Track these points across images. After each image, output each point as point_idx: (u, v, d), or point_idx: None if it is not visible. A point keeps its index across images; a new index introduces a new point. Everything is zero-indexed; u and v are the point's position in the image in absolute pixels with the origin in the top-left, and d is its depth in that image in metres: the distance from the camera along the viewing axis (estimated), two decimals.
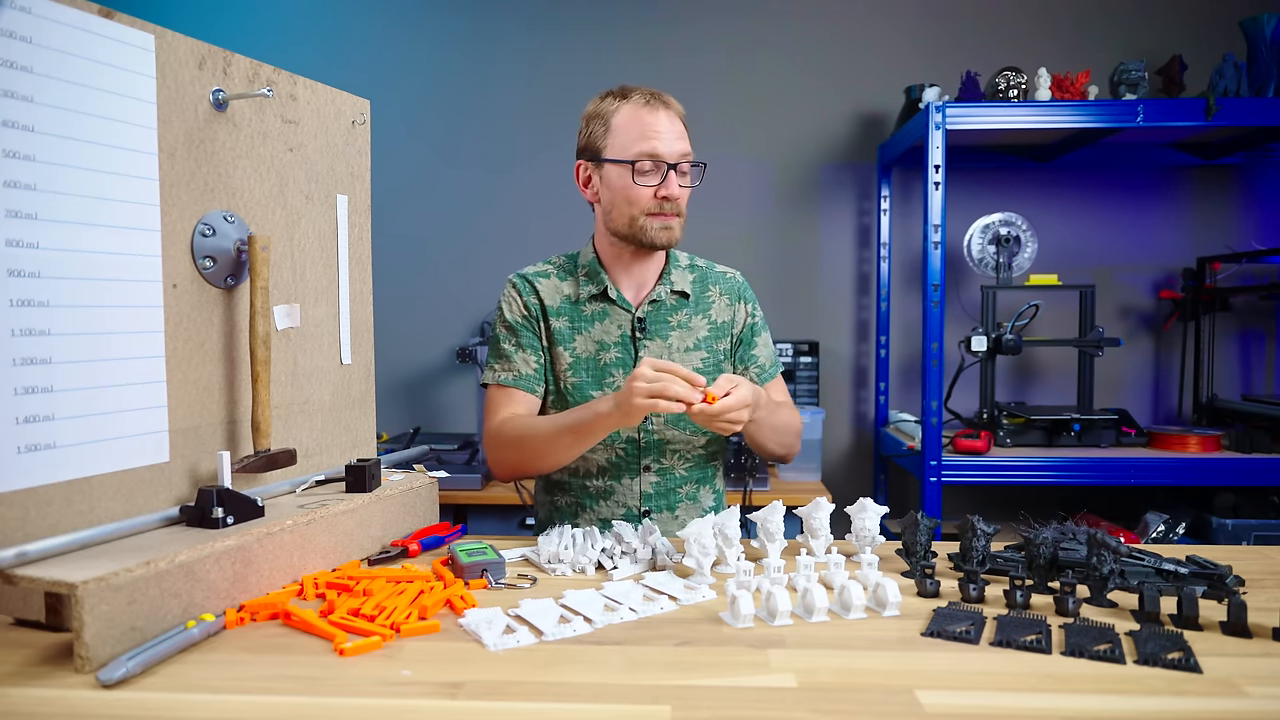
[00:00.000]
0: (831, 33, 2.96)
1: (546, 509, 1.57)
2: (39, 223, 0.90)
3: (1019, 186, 2.92)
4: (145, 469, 1.02)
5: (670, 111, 1.42)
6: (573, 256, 1.56)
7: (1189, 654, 0.86)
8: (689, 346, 1.51)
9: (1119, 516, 2.73)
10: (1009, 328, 2.48)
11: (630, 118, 1.41)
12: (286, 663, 0.86)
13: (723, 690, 0.80)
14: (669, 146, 1.39)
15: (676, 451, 1.49)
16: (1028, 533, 1.09)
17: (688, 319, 1.52)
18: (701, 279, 1.56)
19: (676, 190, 1.40)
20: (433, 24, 3.03)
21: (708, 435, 1.51)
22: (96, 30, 0.95)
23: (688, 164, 1.43)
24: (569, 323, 1.50)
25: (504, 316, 1.52)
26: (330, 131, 1.29)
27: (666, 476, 1.49)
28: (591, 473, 1.49)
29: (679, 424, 1.48)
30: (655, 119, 1.40)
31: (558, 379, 1.49)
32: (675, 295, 1.52)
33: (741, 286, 1.58)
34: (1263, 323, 2.90)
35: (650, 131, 1.39)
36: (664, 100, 1.43)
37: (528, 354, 1.49)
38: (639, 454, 1.47)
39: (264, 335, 1.12)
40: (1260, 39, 2.40)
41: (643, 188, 1.40)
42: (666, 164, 1.39)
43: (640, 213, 1.41)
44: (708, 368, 1.51)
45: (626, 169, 1.40)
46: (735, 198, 2.97)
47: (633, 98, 1.42)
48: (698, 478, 1.52)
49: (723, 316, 1.54)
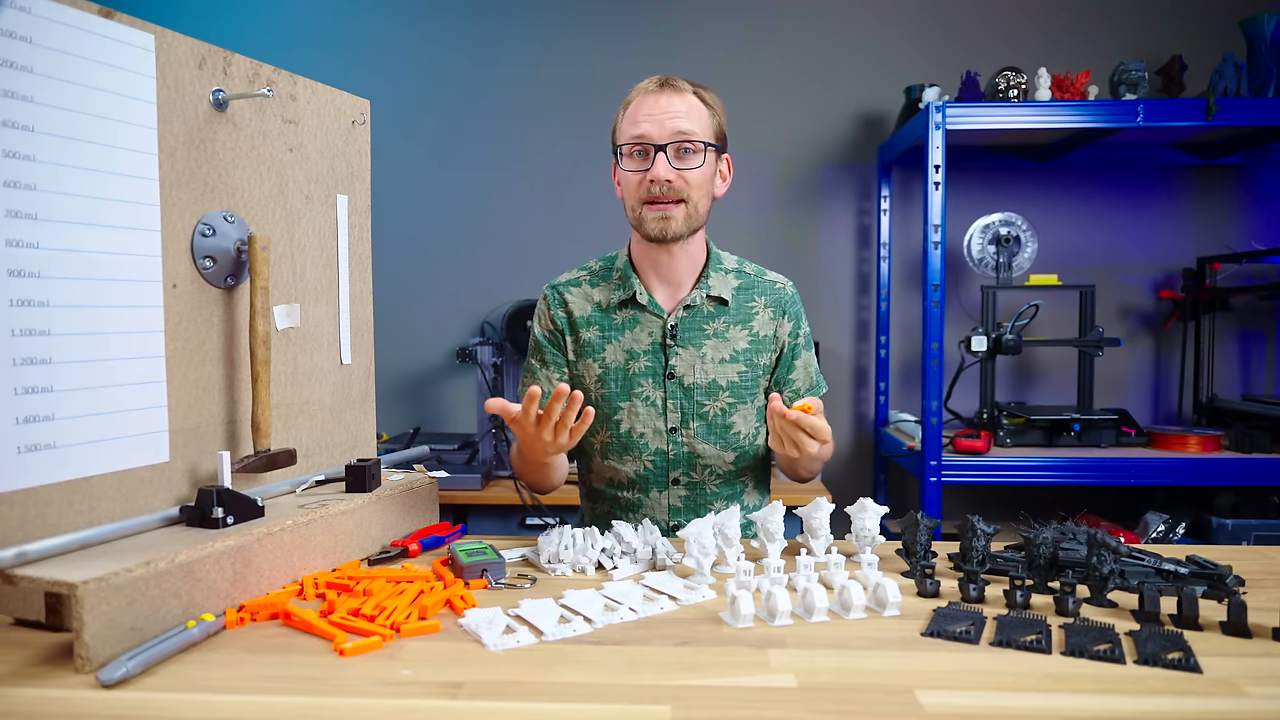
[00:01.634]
0: (831, 33, 2.96)
1: (589, 516, 1.55)
2: (39, 223, 0.90)
3: (1019, 186, 2.91)
4: (145, 469, 1.02)
5: (673, 93, 1.35)
6: (609, 259, 1.51)
7: (1189, 654, 0.86)
8: (724, 358, 1.43)
9: (1119, 516, 2.73)
10: (1009, 328, 2.48)
11: (634, 106, 1.37)
12: (286, 663, 0.86)
13: (723, 690, 0.80)
14: (658, 127, 1.33)
15: (707, 466, 1.44)
16: (1028, 533, 1.09)
17: (725, 328, 1.44)
18: (747, 286, 1.47)
19: (663, 172, 1.32)
20: (433, 24, 3.02)
21: (738, 450, 1.44)
22: (96, 30, 0.95)
23: (690, 145, 1.34)
24: (599, 332, 1.45)
25: (534, 331, 1.51)
26: (330, 131, 1.29)
27: (696, 491, 1.45)
28: (622, 484, 1.46)
29: (710, 437, 1.43)
30: (650, 102, 1.35)
31: (588, 391, 1.45)
32: (713, 301, 1.44)
33: (789, 300, 1.48)
34: (1263, 323, 2.90)
35: (642, 115, 1.34)
36: (670, 83, 1.37)
37: (551, 371, 1.47)
38: (668, 467, 1.43)
39: (264, 335, 1.12)
40: (1260, 39, 2.40)
41: (631, 173, 1.36)
42: (653, 146, 1.33)
43: (637, 202, 1.36)
44: (745, 383, 1.44)
45: (623, 156, 1.38)
46: (735, 198, 2.96)
47: (641, 86, 1.38)
48: (727, 494, 1.46)
49: (765, 330, 1.46)
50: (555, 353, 1.48)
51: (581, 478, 1.57)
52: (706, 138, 1.37)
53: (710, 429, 1.43)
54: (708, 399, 1.43)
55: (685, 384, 1.42)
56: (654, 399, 1.42)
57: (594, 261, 1.53)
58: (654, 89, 1.36)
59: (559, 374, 1.47)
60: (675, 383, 1.42)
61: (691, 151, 1.35)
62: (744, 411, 1.45)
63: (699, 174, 1.36)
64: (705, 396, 1.42)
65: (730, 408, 1.43)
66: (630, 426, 1.43)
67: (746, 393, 1.44)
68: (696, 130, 1.35)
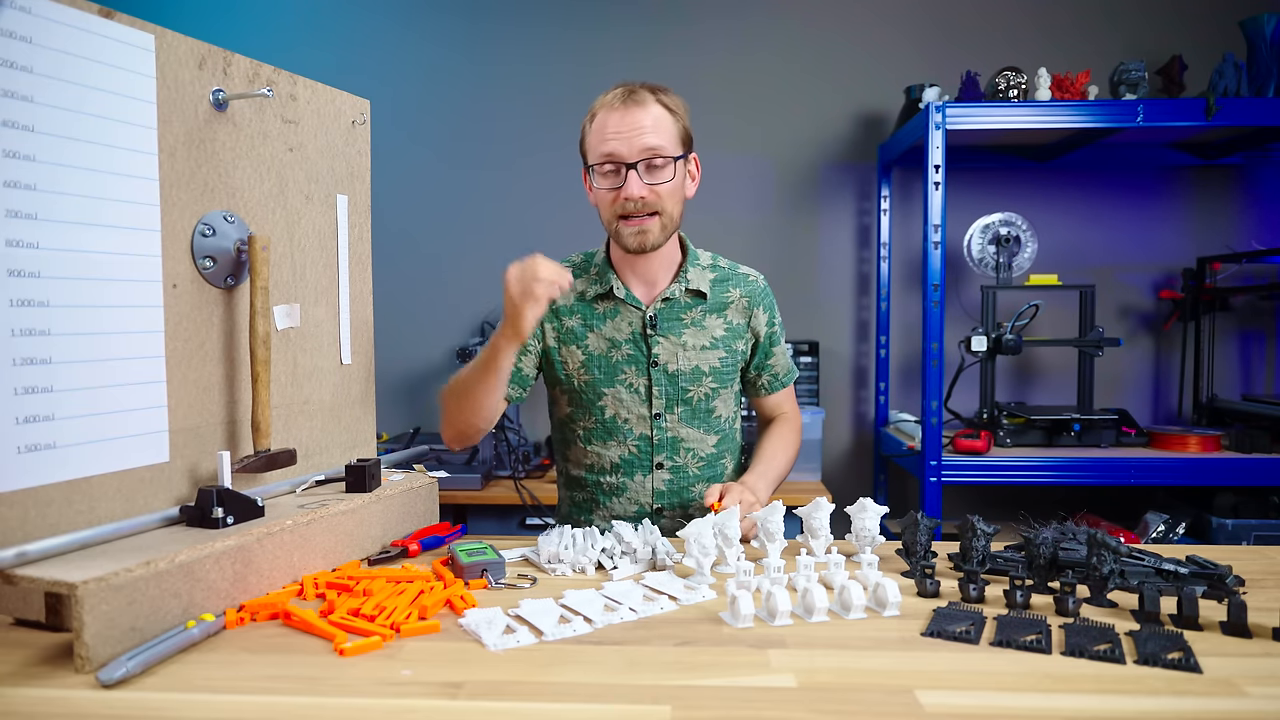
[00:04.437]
0: (831, 33, 2.96)
1: (566, 505, 1.58)
2: (39, 223, 0.90)
3: (1019, 186, 2.91)
4: (145, 469, 1.02)
5: (635, 108, 1.36)
6: (589, 255, 1.56)
7: (1189, 654, 0.86)
8: (704, 345, 1.49)
9: (1119, 516, 2.73)
10: (1009, 328, 2.48)
11: (599, 122, 1.38)
12: (286, 663, 0.86)
13: (723, 690, 0.80)
14: (626, 145, 1.34)
15: (690, 450, 1.49)
16: (1028, 533, 1.09)
17: (702, 317, 1.50)
18: (722, 279, 1.53)
19: (636, 190, 1.35)
20: (433, 24, 3.02)
21: (720, 434, 1.52)
22: (96, 30, 0.95)
23: (660, 160, 1.36)
24: (582, 320, 1.50)
25: None
26: (330, 131, 1.29)
27: (679, 475, 1.49)
28: (605, 469, 1.50)
29: (693, 422, 1.48)
30: (615, 119, 1.36)
31: (571, 377, 1.49)
32: (690, 294, 1.50)
33: (761, 291, 1.55)
34: (1263, 323, 2.90)
35: (608, 133, 1.36)
36: (634, 97, 1.37)
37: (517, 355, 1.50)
38: (651, 451, 1.48)
39: (264, 335, 1.12)
40: (1260, 39, 2.40)
41: (604, 191, 1.39)
42: (624, 164, 1.35)
43: (612, 217, 1.40)
44: (725, 368, 1.50)
45: (595, 175, 1.40)
46: (735, 198, 2.97)
47: (605, 100, 1.39)
48: (709, 477, 1.51)
49: (739, 319, 1.52)
50: (530, 339, 1.49)
51: (559, 468, 1.61)
52: (674, 149, 1.39)
53: (694, 413, 1.49)
54: (691, 384, 1.48)
55: (670, 370, 1.47)
56: (637, 386, 1.47)
57: (575, 255, 1.57)
58: (618, 105, 1.37)
59: (522, 356, 1.49)
60: (660, 370, 1.47)
61: (661, 166, 1.37)
62: (725, 396, 1.53)
63: (670, 186, 1.39)
64: (689, 382, 1.48)
65: (713, 392, 1.50)
66: (615, 412, 1.48)
67: (727, 377, 1.51)
68: (665, 144, 1.37)
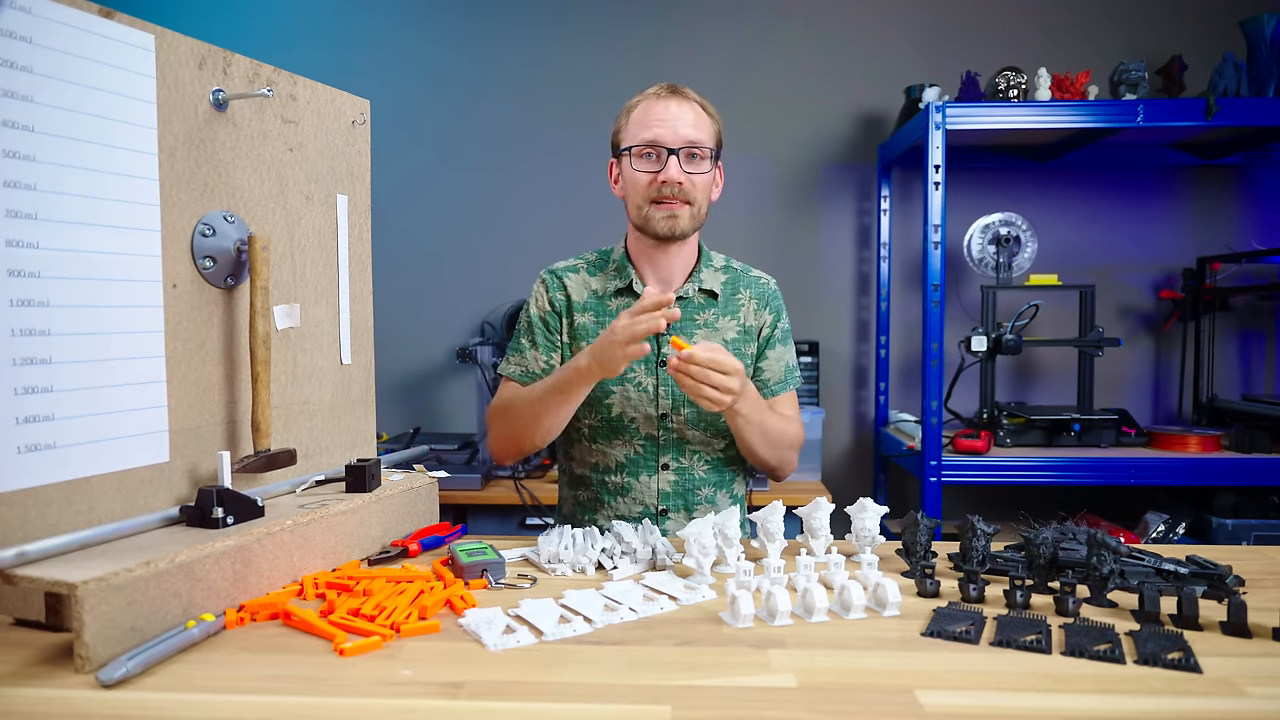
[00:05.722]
0: (831, 33, 2.96)
1: (570, 504, 1.58)
2: (39, 223, 0.90)
3: (1019, 186, 2.92)
4: (145, 469, 1.02)
5: (681, 101, 1.43)
6: (605, 252, 1.58)
7: (1189, 654, 0.86)
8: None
9: (1119, 516, 2.73)
10: (1009, 328, 2.48)
11: (643, 109, 1.44)
12: (286, 663, 0.86)
13: (723, 690, 0.80)
14: (670, 132, 1.41)
15: (696, 452, 1.49)
16: (1028, 533, 1.09)
17: (715, 319, 1.51)
18: (733, 281, 1.55)
19: (675, 174, 1.40)
20: (432, 24, 3.03)
21: (728, 438, 1.50)
22: (96, 30, 0.95)
23: (699, 152, 1.42)
24: (594, 318, 1.51)
25: (528, 311, 1.54)
26: (330, 131, 1.29)
27: (685, 476, 1.49)
28: (610, 468, 1.50)
29: (699, 423, 1.48)
30: (662, 107, 1.42)
31: None
32: (703, 294, 1.52)
33: (771, 294, 1.56)
34: (1263, 323, 2.90)
35: (653, 120, 1.42)
36: (679, 91, 1.45)
37: (539, 352, 1.51)
38: (658, 451, 1.48)
39: (264, 335, 1.12)
40: (1260, 39, 2.40)
41: (642, 173, 1.43)
42: (666, 149, 1.40)
43: (645, 200, 1.43)
44: None
45: (633, 157, 1.43)
46: (735, 198, 2.96)
47: (648, 92, 1.45)
48: (715, 480, 1.51)
49: (750, 321, 1.54)
50: (549, 334, 1.52)
51: (562, 467, 1.60)
52: (712, 146, 1.46)
53: (701, 415, 1.48)
54: None
55: None
56: (646, 385, 1.47)
57: (589, 253, 1.60)
58: (665, 95, 1.44)
59: (547, 356, 1.51)
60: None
61: (699, 158, 1.43)
62: None
63: (704, 179, 1.45)
64: None
65: None
66: (622, 411, 1.48)
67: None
68: (704, 139, 1.44)
